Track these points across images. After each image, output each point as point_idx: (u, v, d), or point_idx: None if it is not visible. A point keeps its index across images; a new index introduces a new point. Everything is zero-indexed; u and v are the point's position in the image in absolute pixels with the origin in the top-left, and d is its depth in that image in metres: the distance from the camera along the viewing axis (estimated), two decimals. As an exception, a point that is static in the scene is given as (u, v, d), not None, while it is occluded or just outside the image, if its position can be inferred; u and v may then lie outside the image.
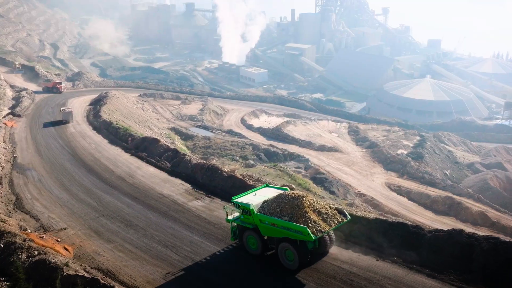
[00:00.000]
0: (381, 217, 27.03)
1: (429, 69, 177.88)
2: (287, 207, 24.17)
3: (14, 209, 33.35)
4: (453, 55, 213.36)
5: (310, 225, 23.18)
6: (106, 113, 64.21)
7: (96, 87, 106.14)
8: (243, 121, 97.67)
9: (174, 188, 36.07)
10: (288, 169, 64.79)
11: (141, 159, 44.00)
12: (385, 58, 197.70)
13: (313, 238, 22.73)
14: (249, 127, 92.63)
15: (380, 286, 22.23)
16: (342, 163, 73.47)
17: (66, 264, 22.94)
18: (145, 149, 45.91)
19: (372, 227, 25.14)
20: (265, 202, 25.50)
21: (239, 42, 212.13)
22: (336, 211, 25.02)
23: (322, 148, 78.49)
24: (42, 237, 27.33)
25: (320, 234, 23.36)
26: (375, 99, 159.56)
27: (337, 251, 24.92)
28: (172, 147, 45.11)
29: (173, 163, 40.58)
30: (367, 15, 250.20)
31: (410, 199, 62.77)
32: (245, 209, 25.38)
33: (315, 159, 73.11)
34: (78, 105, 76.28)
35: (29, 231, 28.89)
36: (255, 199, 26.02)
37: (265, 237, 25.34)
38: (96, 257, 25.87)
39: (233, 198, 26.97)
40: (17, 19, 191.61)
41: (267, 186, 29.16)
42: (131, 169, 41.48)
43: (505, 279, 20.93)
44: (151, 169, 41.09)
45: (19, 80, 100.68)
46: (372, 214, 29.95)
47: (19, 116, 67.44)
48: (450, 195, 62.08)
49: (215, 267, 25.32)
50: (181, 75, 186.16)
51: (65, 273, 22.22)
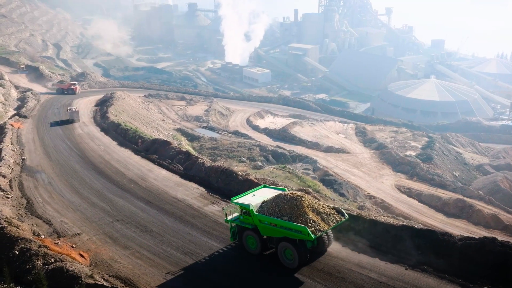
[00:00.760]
0: (401, 222, 26.32)
1: (433, 69, 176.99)
2: (286, 207, 24.49)
3: (25, 213, 32.65)
4: (456, 55, 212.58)
5: (309, 224, 23.50)
6: (113, 114, 63.59)
7: (100, 87, 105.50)
8: (248, 122, 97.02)
9: (189, 192, 35.37)
10: (296, 171, 64.25)
11: (152, 161, 43.31)
12: (388, 59, 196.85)
13: (313, 237, 23.00)
14: (255, 128, 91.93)
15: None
16: (350, 165, 72.74)
17: (85, 273, 22.19)
18: (155, 151, 45.20)
19: (398, 234, 24.44)
20: (264, 202, 25.85)
21: (242, 42, 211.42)
22: (334, 211, 25.36)
23: (329, 150, 77.77)
24: (57, 243, 26.63)
25: (320, 233, 23.66)
26: (379, 99, 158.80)
27: (363, 258, 24.25)
28: (183, 149, 44.41)
29: (185, 166, 39.88)
30: (370, 15, 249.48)
31: (420, 201, 62.00)
32: (244, 209, 25.66)
33: (323, 160, 72.37)
34: (84, 106, 75.68)
35: (43, 236, 28.20)
36: (254, 199, 26.31)
37: (264, 237, 25.64)
38: (113, 264, 25.17)
39: (232, 198, 27.27)
40: (20, 19, 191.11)
41: (265, 186, 29.41)
42: (142, 172, 40.78)
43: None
44: (163, 172, 40.39)
45: (23, 81, 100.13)
46: (391, 219, 29.22)
47: (25, 117, 66.82)
48: (461, 197, 61.41)
49: (236, 274, 24.68)
50: (184, 75, 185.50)
51: (84, 282, 21.52)
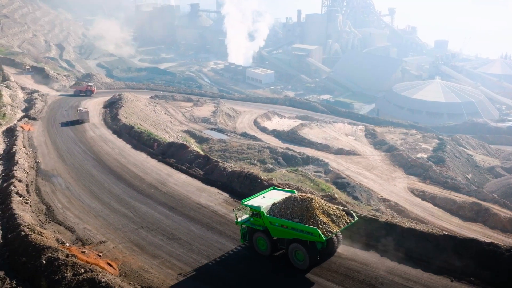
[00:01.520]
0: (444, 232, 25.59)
1: (437, 70, 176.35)
2: (296, 209, 24.83)
3: (46, 219, 31.89)
4: (459, 56, 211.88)
5: (320, 226, 23.90)
6: (124, 117, 62.90)
7: (106, 88, 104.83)
8: (256, 123, 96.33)
9: (212, 198, 34.59)
10: (309, 173, 63.54)
11: (170, 165, 42.53)
12: (392, 59, 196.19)
13: (324, 238, 23.42)
14: (263, 129, 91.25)
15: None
16: (361, 167, 72.03)
17: (118, 284, 21.41)
18: (172, 155, 44.44)
19: (440, 244, 23.70)
20: (274, 204, 26.24)
21: (245, 42, 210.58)
22: (344, 212, 25.75)
23: (340, 152, 77.06)
24: (84, 252, 25.87)
25: (330, 234, 24.08)
26: (384, 100, 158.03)
27: (405, 269, 23.45)
28: (202, 153, 43.63)
29: (205, 171, 39.13)
30: (373, 15, 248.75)
31: (435, 204, 61.23)
32: (255, 211, 25.97)
33: (334, 163, 71.69)
34: (92, 108, 74.99)
35: (68, 244, 27.44)
36: (264, 201, 26.71)
37: (274, 238, 25.92)
38: (144, 274, 24.38)
39: (243, 201, 27.52)
40: (22, 20, 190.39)
41: (274, 188, 29.77)
42: (161, 176, 40.00)
43: None
44: (183, 177, 39.62)
45: (29, 82, 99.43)
46: (428, 228, 28.47)
47: (34, 119, 66.10)
48: (476, 200, 60.73)
49: (278, 285, 23.88)
50: (187, 76, 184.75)
51: (117, 294, 20.78)
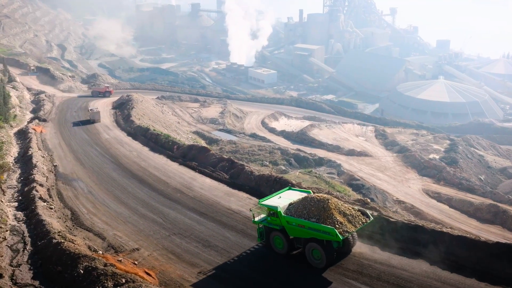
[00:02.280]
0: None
1: (441, 70, 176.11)
2: (313, 209, 25.29)
3: (73, 225, 31.06)
4: (462, 56, 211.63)
5: (337, 226, 24.28)
6: (136, 118, 62.18)
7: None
8: (264, 124, 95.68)
9: (242, 203, 33.72)
10: (323, 175, 62.96)
11: (193, 169, 41.69)
12: (395, 59, 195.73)
13: (341, 238, 23.84)
14: (272, 130, 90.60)
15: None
16: (374, 169, 71.46)
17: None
18: (193, 158, 43.62)
19: (492, 252, 22.95)
20: (291, 204, 26.68)
21: (247, 42, 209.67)
22: (360, 213, 26.08)
23: (351, 153, 76.48)
24: (120, 261, 25.05)
25: (347, 234, 24.48)
26: (388, 100, 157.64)
27: (459, 278, 22.60)
28: (225, 156, 42.84)
29: (230, 174, 38.31)
30: (374, 15, 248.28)
31: (451, 206, 60.68)
32: (272, 211, 26.47)
33: (346, 164, 71.12)
34: (102, 108, 74.18)
35: (100, 252, 26.62)
36: (281, 201, 27.20)
37: (291, 237, 26.35)
38: (185, 284, 23.52)
39: (260, 200, 28.19)
40: (22, 20, 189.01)
41: (290, 188, 30.21)
42: (185, 180, 39.16)
43: None
44: (208, 181, 38.77)
45: (34, 83, 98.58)
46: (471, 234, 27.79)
47: (44, 120, 65.31)
48: (491, 202, 60.26)
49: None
50: (190, 76, 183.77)
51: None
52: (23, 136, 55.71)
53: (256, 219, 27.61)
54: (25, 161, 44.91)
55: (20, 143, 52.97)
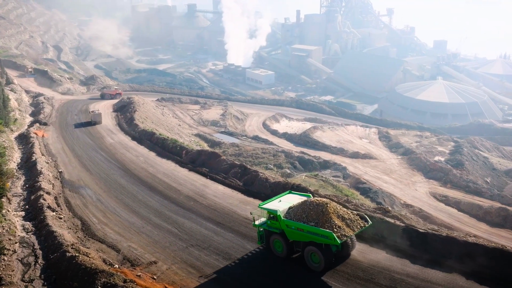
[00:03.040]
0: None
1: (439, 70, 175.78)
2: (312, 213, 25.56)
3: (85, 236, 29.85)
4: (458, 56, 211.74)
5: (335, 230, 24.52)
6: (140, 121, 60.97)
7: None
8: (265, 126, 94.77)
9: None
10: (330, 179, 62.01)
11: (203, 175, 40.55)
12: (393, 60, 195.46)
13: (339, 242, 24.06)
14: (274, 132, 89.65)
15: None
16: (379, 171, 70.66)
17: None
18: (203, 163, 42.46)
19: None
20: (290, 208, 26.93)
21: (244, 43, 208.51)
22: (358, 217, 26.35)
23: (356, 155, 75.64)
24: (139, 276, 23.91)
25: (345, 238, 24.74)
26: (387, 101, 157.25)
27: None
28: (237, 162, 41.73)
29: (244, 181, 37.22)
30: (371, 16, 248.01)
31: (460, 210, 59.92)
32: (272, 214, 26.72)
33: (351, 167, 70.22)
34: (102, 111, 72.89)
35: (116, 266, 25.47)
36: (281, 205, 27.41)
37: (291, 241, 26.53)
38: (210, 301, 22.52)
39: (260, 204, 28.50)
40: (17, 21, 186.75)
41: (290, 192, 30.41)
42: (197, 187, 37.99)
43: None
44: (221, 188, 37.63)
45: (32, 85, 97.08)
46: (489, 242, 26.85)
47: (45, 124, 63.92)
48: (500, 205, 59.60)
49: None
50: (188, 77, 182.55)
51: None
52: (24, 140, 54.37)
53: (257, 222, 27.83)
54: (29, 167, 43.65)
55: (22, 148, 51.65)
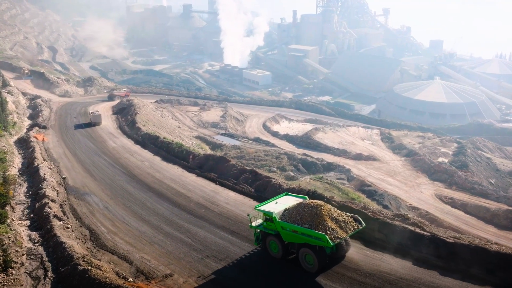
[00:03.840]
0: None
1: (436, 70, 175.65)
2: (306, 215, 25.89)
3: (94, 247, 28.66)
4: (454, 56, 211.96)
5: (328, 232, 24.78)
6: (142, 124, 59.80)
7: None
8: (266, 127, 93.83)
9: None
10: (335, 181, 61.12)
11: (213, 181, 39.42)
12: (390, 60, 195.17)
13: (331, 244, 24.30)
14: (275, 134, 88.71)
15: None
16: (383, 173, 69.90)
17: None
18: (211, 168, 41.35)
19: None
20: (286, 210, 27.26)
21: (241, 43, 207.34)
22: (352, 219, 26.56)
23: (359, 157, 74.84)
24: (157, 290, 22.85)
25: (338, 240, 24.95)
26: (385, 101, 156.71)
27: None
28: (248, 167, 40.67)
29: (256, 187, 36.16)
30: (367, 16, 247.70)
31: (466, 212, 59.25)
32: (268, 216, 27.13)
33: (354, 169, 69.44)
34: (102, 113, 71.66)
35: (131, 279, 24.34)
36: (277, 207, 27.87)
37: (286, 242, 26.86)
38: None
39: (256, 206, 28.72)
40: (11, 22, 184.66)
41: (287, 194, 30.64)
42: (207, 193, 36.83)
43: None
44: (232, 194, 36.50)
45: (29, 87, 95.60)
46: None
47: (44, 127, 62.63)
48: (507, 207, 59.00)
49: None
50: (184, 78, 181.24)
51: None
52: (24, 145, 53.09)
53: (253, 224, 28.20)
54: (31, 173, 42.40)
55: (22, 153, 50.36)
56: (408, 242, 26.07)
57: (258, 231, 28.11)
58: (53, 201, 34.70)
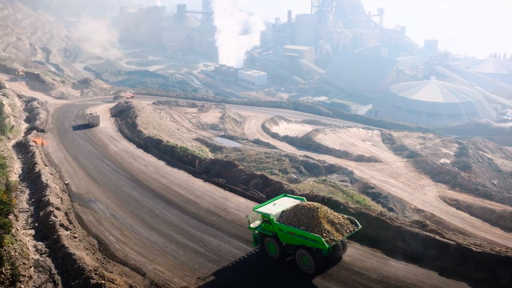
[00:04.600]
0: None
1: (432, 70, 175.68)
2: (303, 217, 26.24)
3: (104, 258, 27.60)
4: (449, 56, 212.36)
5: (324, 234, 25.12)
6: (143, 127, 58.65)
7: (106, 95, 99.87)
8: (265, 129, 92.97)
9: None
10: (340, 184, 60.41)
11: (221, 186, 38.45)
12: (385, 60, 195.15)
13: (327, 246, 24.74)
14: (274, 135, 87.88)
15: None
16: (386, 175, 69.28)
17: None
18: (219, 173, 40.39)
19: None
20: (283, 212, 27.70)
21: (236, 42, 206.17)
22: (348, 221, 26.99)
23: (361, 159, 74.18)
24: (174, 305, 21.89)
25: (334, 242, 25.35)
26: (381, 101, 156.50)
27: None
28: (257, 173, 39.74)
29: (267, 193, 35.28)
30: (362, 16, 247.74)
31: (472, 214, 58.71)
32: (265, 218, 27.48)
33: (357, 170, 68.76)
34: (100, 116, 70.44)
35: (146, 293, 23.37)
36: (274, 208, 28.25)
37: (284, 244, 27.25)
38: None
39: (255, 208, 29.05)
40: (4, 22, 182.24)
41: (285, 195, 31.01)
42: (217, 200, 35.86)
43: None
44: (242, 200, 35.55)
45: (24, 89, 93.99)
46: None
47: (43, 131, 61.17)
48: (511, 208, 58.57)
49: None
50: (180, 79, 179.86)
51: None
52: (23, 149, 51.74)
53: (252, 225, 28.42)
54: (33, 179, 41.20)
55: (21, 158, 49.03)
56: (434, 252, 25.23)
57: (256, 232, 28.43)
58: (57, 209, 33.57)
